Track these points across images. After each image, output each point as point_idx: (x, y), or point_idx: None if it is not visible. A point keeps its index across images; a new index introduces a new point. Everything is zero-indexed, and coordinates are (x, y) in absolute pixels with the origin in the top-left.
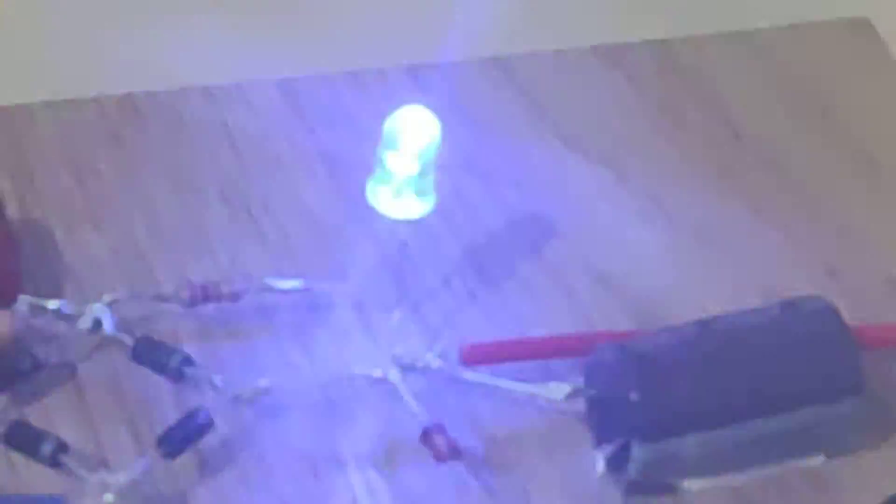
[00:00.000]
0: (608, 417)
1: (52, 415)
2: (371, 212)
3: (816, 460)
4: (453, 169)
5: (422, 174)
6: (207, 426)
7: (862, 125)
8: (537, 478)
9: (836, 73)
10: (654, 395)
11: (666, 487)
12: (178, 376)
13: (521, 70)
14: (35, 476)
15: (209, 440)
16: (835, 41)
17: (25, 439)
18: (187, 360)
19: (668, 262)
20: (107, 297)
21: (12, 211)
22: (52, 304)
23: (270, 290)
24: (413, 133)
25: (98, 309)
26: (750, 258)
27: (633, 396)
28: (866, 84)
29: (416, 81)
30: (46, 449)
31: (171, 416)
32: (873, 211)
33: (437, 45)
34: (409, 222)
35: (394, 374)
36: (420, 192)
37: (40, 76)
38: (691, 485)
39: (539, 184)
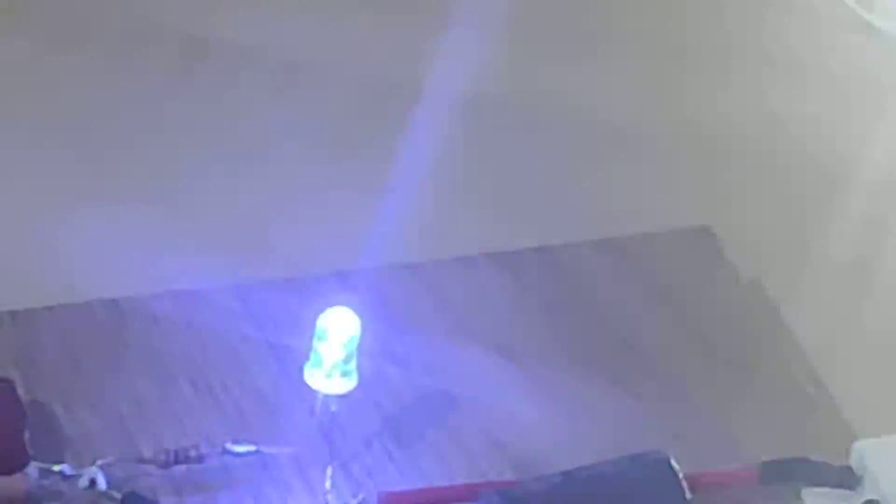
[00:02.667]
0: None
1: None
2: (308, 390)
3: None
4: (375, 355)
5: (346, 360)
6: None
7: (701, 313)
8: None
9: (682, 272)
10: None
11: None
12: None
13: (430, 273)
14: None
15: None
16: (682, 245)
17: None
18: None
19: (547, 428)
20: (99, 461)
21: (23, 395)
22: (57, 468)
23: (229, 453)
24: (338, 328)
25: (93, 471)
26: (611, 424)
27: None
28: (705, 281)
29: (343, 284)
30: None
31: None
32: (711, 384)
33: (361, 254)
34: (338, 397)
35: None
36: (345, 374)
37: (40, 284)
38: None
39: (445, 367)
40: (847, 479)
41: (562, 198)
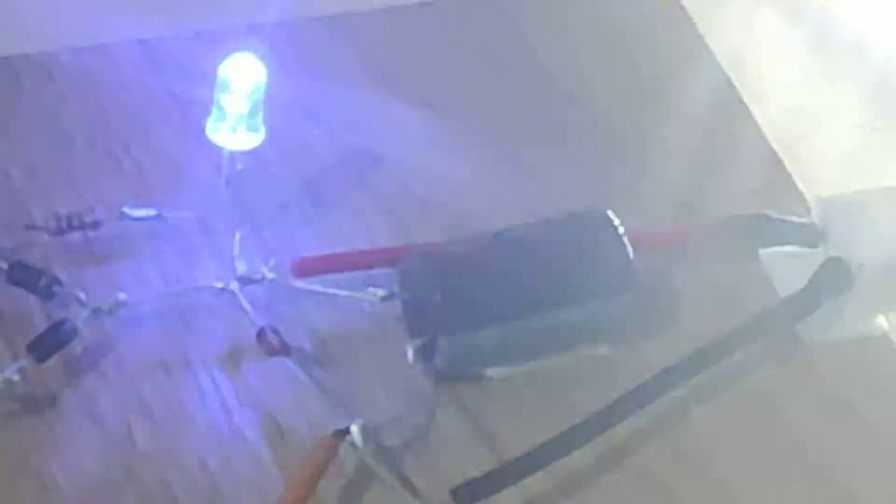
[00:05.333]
0: (418, 316)
1: None
2: (214, 148)
3: (602, 349)
4: (290, 112)
5: (252, 112)
6: (72, 334)
7: (653, 64)
8: (360, 371)
9: (633, 16)
10: (454, 295)
11: (470, 375)
12: (47, 295)
13: (353, 26)
14: None
15: (74, 348)
16: None
17: None
18: (55, 280)
19: (477, 187)
20: None
21: None
22: None
23: (128, 218)
24: (241, 76)
25: None
26: (548, 179)
27: (437, 298)
28: (657, 28)
29: (256, 36)
30: None
31: (42, 329)
32: (659, 139)
33: (274, 5)
34: (246, 154)
35: (234, 286)
36: (251, 128)
37: None
38: (492, 372)
39: (366, 123)
40: (809, 236)
41: None
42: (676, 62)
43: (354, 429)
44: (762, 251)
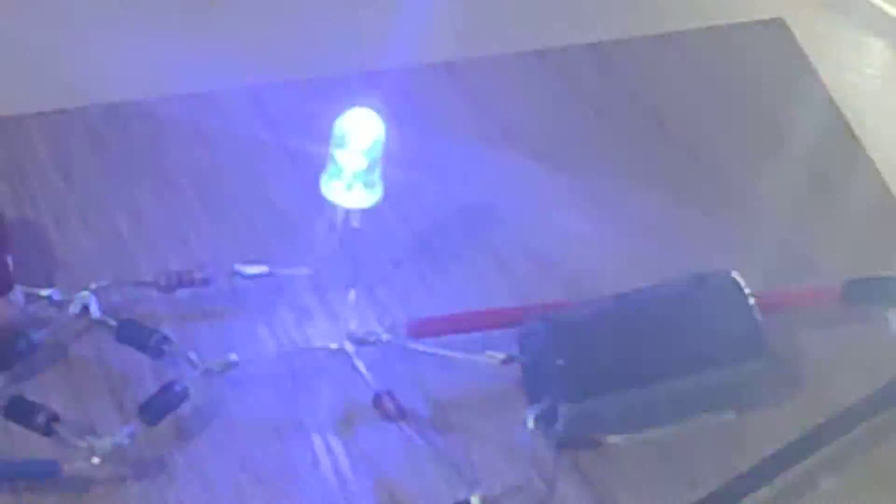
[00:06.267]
0: (539, 380)
1: (46, 390)
2: (327, 203)
3: (728, 415)
4: (404, 165)
5: (369, 169)
6: (183, 396)
7: (776, 114)
8: (477, 435)
9: (753, 69)
10: (577, 360)
11: (591, 441)
12: (157, 354)
13: (468, 73)
14: (31, 444)
15: (184, 409)
16: (752, 40)
17: (22, 411)
18: (165, 339)
19: (596, 244)
20: (93, 285)
21: (9, 211)
22: (45, 292)
23: (239, 275)
24: (359, 132)
25: (85, 296)
26: (670, 239)
27: (560, 362)
28: (780, 78)
29: (369, 85)
30: (40, 419)
31: (151, 389)
32: (777, 190)
33: (389, 53)
34: (361, 211)
35: (349, 347)
36: (368, 185)
37: (32, 89)
38: (614, 439)
39: (482, 177)
40: None
41: None
42: (792, 108)
43: (475, 500)
44: (891, 311)
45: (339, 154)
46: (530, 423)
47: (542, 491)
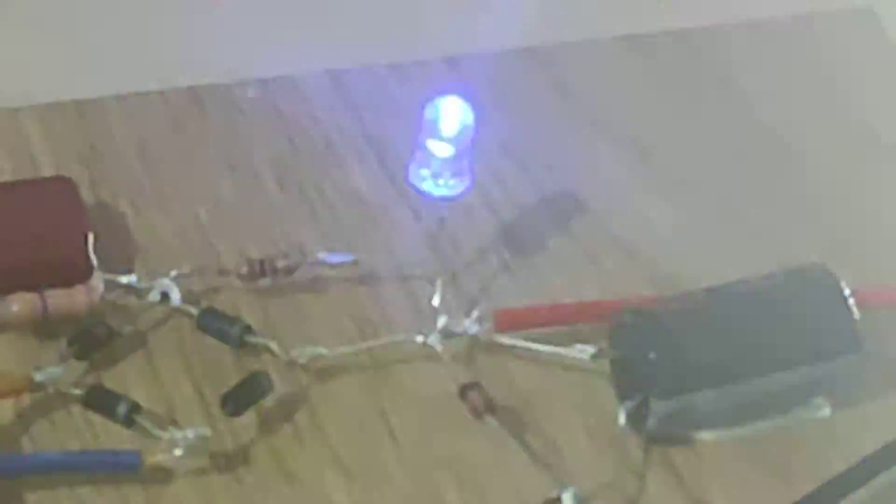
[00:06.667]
0: (629, 376)
1: (127, 379)
2: (413, 191)
3: (823, 413)
4: (490, 152)
5: (458, 157)
6: (267, 387)
7: (864, 106)
8: (566, 431)
9: (842, 59)
10: (669, 355)
11: (682, 438)
12: (239, 343)
13: (553, 59)
14: (112, 435)
15: (268, 401)
16: (841, 29)
17: (102, 402)
18: (247, 329)
19: (687, 235)
20: (173, 273)
21: (85, 195)
22: (125, 279)
23: (322, 264)
24: (449, 120)
25: (165, 283)
26: (762, 231)
27: (651, 356)
28: (868, 69)
29: (455, 71)
30: (121, 410)
31: (233, 380)
32: (876, 186)
33: (474, 37)
34: (447, 200)
35: (434, 339)
36: (456, 174)
37: (109, 71)
38: (705, 436)
39: (569, 165)
40: None
41: None
42: (883, 100)
43: (567, 497)
44: None
45: (428, 142)
46: (621, 420)
47: (632, 488)
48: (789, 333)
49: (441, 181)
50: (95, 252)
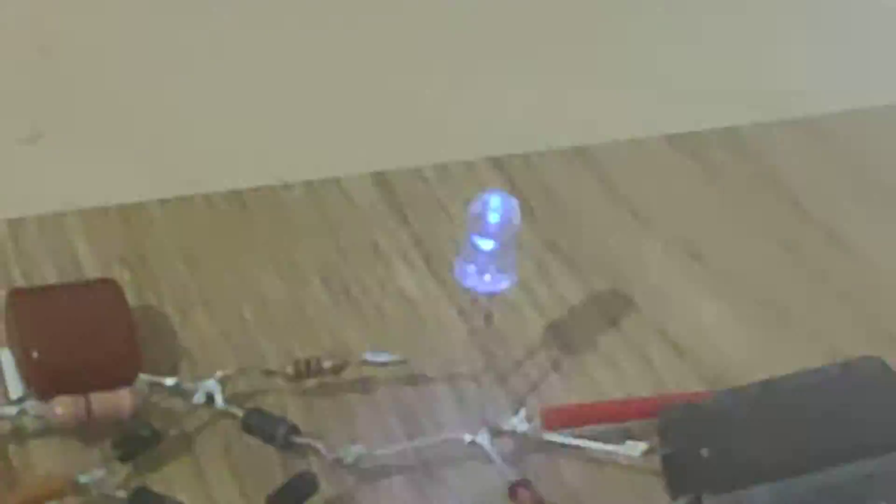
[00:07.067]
0: (682, 472)
1: (172, 482)
2: (460, 290)
3: None
4: (537, 250)
5: (503, 253)
6: (313, 487)
7: None
8: None
9: (887, 152)
10: (722, 450)
11: None
12: (285, 444)
13: (600, 158)
14: None
15: (314, 502)
16: (886, 125)
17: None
18: (293, 430)
19: (738, 332)
20: (218, 374)
21: (131, 299)
22: (169, 381)
23: (369, 363)
24: (494, 215)
25: (210, 385)
26: (813, 326)
27: (704, 452)
28: None
29: (500, 171)
30: None
31: (279, 481)
32: None
33: (520, 137)
34: (494, 297)
35: (483, 438)
36: (502, 269)
37: (153, 175)
38: None
39: (617, 263)
40: None
41: (749, 75)
42: None
43: None
44: None
45: (473, 238)
46: None
47: None
48: (845, 426)
49: (487, 276)
50: (140, 355)
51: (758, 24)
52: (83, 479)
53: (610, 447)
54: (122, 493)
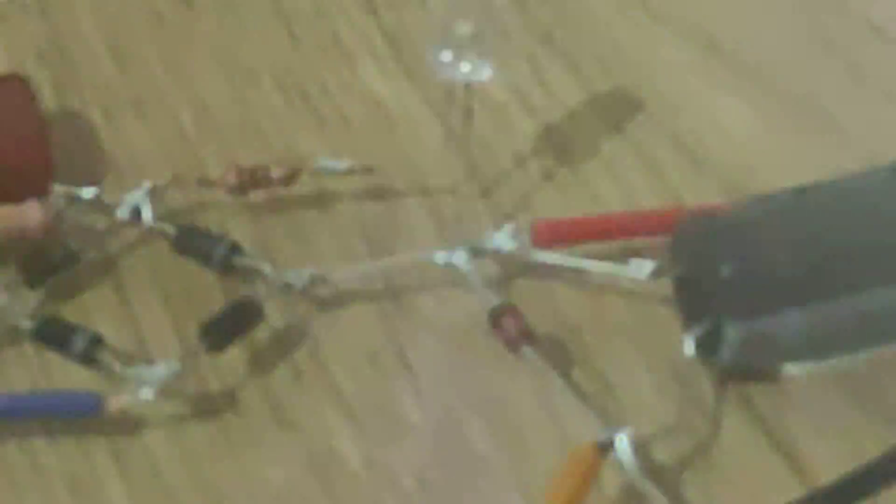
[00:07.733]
0: (697, 296)
1: (90, 310)
2: (433, 86)
3: None
4: (528, 44)
5: (482, 35)
6: (257, 316)
7: None
8: (621, 367)
9: None
10: (747, 268)
11: (764, 372)
12: (224, 267)
13: None
14: (72, 376)
15: (260, 334)
16: None
17: (56, 334)
18: (235, 249)
19: (762, 133)
20: (147, 184)
21: (50, 100)
22: (88, 193)
23: (326, 171)
24: None
25: (137, 197)
26: (851, 126)
27: (724, 271)
28: None
29: None
30: (79, 344)
31: (219, 309)
32: None
33: None
34: (475, 90)
35: (460, 258)
36: (482, 53)
37: None
38: (792, 369)
39: (623, 59)
40: None
41: None
42: None
43: (620, 440)
44: None
45: (449, 20)
46: (688, 350)
47: (703, 431)
48: (892, 241)
49: (464, 64)
50: (56, 164)
51: None
52: None
53: (612, 267)
54: (28, 324)
